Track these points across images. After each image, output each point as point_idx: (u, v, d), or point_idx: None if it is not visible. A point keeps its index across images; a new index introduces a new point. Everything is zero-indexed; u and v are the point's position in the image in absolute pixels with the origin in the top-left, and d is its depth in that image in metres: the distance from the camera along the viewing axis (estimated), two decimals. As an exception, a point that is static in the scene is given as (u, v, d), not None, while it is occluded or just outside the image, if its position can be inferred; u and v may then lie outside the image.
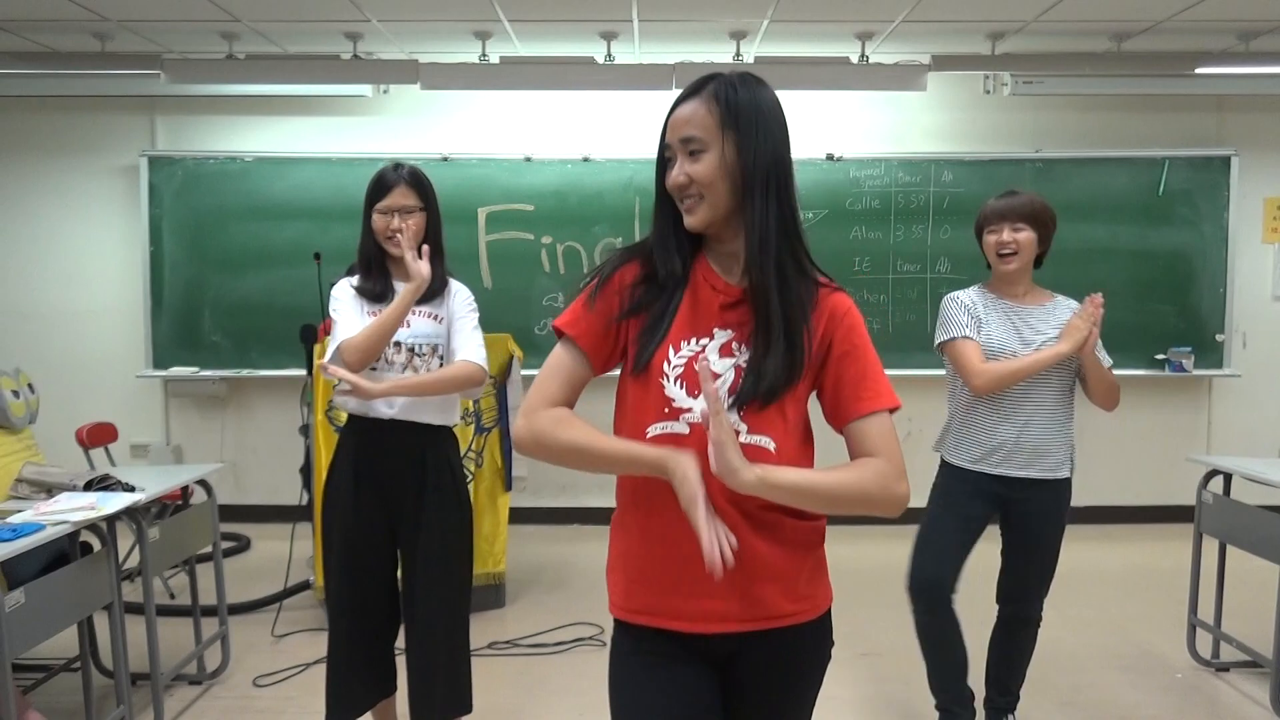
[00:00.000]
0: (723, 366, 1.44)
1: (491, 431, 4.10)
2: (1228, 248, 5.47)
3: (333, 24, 4.60)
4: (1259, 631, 3.36)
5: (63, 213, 5.59)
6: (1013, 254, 2.65)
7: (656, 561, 1.46)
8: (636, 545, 1.49)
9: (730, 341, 1.45)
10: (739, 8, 4.36)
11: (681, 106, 1.45)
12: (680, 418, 1.43)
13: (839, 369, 1.46)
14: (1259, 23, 4.56)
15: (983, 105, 5.56)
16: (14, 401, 3.02)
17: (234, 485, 5.64)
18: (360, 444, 2.58)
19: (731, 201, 1.43)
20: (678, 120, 1.44)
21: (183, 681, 3.41)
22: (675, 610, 1.45)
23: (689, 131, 1.43)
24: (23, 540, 2.42)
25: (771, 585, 1.45)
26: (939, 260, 5.46)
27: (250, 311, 5.45)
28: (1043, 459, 2.69)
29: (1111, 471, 5.65)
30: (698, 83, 1.45)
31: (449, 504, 2.60)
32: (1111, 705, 3.27)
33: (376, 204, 2.56)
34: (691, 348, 1.45)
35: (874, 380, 1.46)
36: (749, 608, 1.44)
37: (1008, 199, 2.68)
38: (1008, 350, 2.65)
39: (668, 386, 1.43)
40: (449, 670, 2.62)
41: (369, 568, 2.59)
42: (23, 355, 5.07)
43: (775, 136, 1.44)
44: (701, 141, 1.42)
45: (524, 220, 5.45)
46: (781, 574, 1.46)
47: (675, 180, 1.44)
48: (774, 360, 1.41)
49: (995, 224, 2.67)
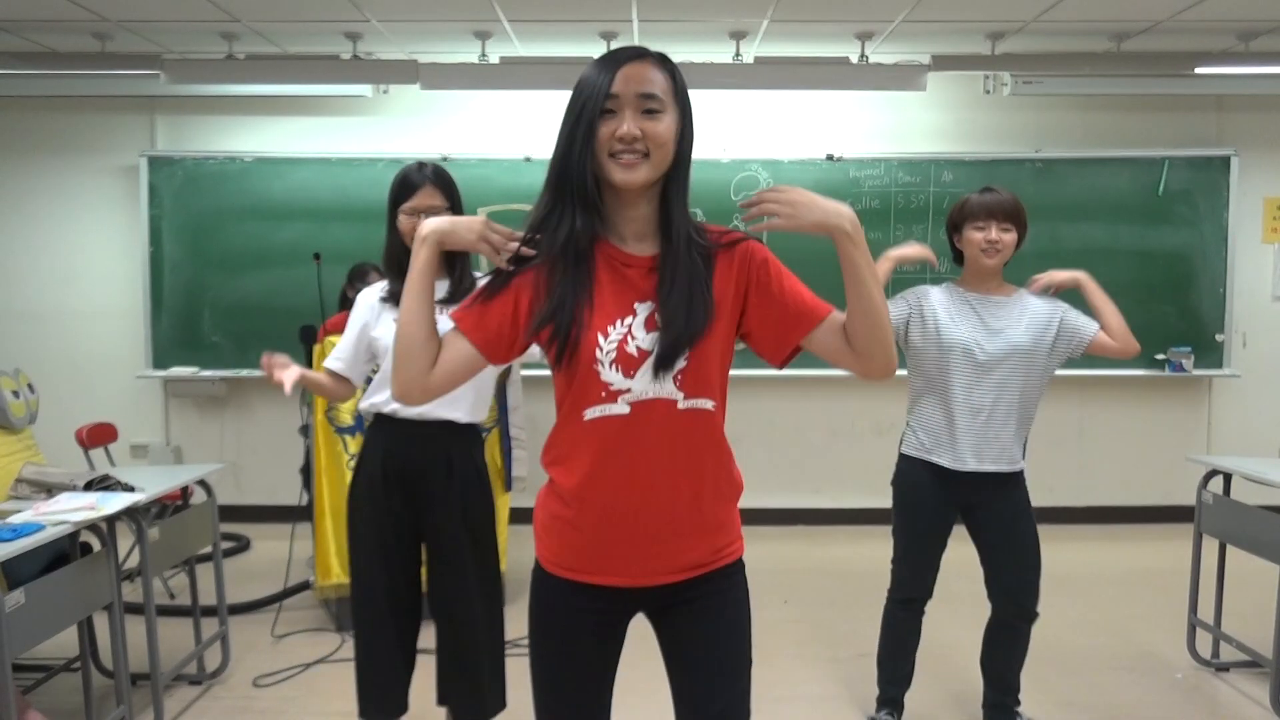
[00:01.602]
0: (651, 341, 1.47)
1: (491, 431, 4.10)
2: (1227, 248, 5.47)
3: (333, 24, 4.60)
4: (1259, 631, 3.36)
5: (63, 213, 5.59)
6: (997, 251, 2.68)
7: (589, 528, 1.52)
8: (571, 512, 1.54)
9: (653, 314, 1.48)
10: (739, 8, 4.36)
11: (636, 64, 1.45)
12: (619, 399, 1.46)
13: (779, 295, 1.52)
14: (1259, 23, 4.56)
15: (983, 105, 5.56)
16: (14, 401, 3.02)
17: (234, 485, 5.64)
18: (388, 443, 2.56)
19: (664, 167, 1.48)
20: (637, 75, 1.44)
21: (183, 682, 3.41)
22: (602, 567, 1.53)
23: (652, 89, 1.44)
24: (23, 540, 2.42)
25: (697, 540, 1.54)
26: (939, 260, 5.44)
27: (250, 311, 5.45)
28: (1002, 452, 2.71)
29: (1111, 471, 5.65)
30: (638, 49, 1.48)
31: (476, 501, 2.59)
32: (1111, 705, 3.27)
33: (402, 205, 2.53)
34: (619, 330, 1.47)
35: (812, 294, 1.54)
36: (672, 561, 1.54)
37: (993, 196, 2.70)
38: (973, 341, 2.68)
39: (603, 372, 1.45)
40: (492, 667, 2.63)
41: (400, 566, 2.58)
42: (23, 355, 5.09)
43: (693, 124, 1.53)
44: (661, 102, 1.45)
45: (524, 220, 5.43)
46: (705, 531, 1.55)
47: (628, 131, 1.43)
48: (691, 319, 1.46)
49: (983, 220, 2.68)
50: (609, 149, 1.44)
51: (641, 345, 1.46)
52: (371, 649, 2.60)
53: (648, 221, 1.51)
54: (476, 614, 2.59)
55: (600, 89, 1.43)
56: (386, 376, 2.54)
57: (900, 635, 2.94)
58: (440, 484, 2.55)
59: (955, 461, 2.71)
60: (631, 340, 1.46)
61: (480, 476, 2.63)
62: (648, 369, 1.46)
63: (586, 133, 1.44)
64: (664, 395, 1.47)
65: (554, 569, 1.57)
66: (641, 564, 1.53)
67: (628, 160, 1.44)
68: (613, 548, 1.52)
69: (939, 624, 3.91)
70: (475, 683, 2.60)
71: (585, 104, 1.44)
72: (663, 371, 1.45)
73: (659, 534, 1.51)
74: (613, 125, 1.43)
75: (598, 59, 1.48)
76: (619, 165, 1.44)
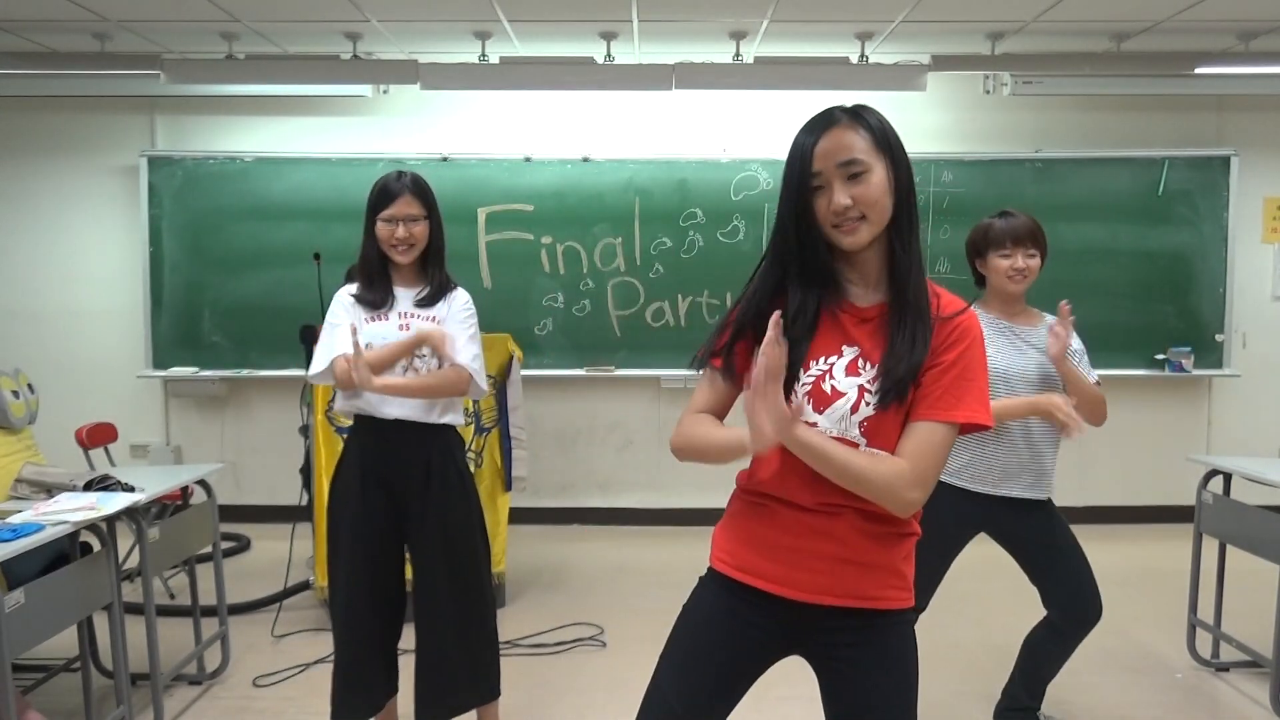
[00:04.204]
0: (848, 385, 1.51)
1: (491, 432, 4.10)
2: (1227, 248, 5.47)
3: (332, 24, 4.60)
4: (1259, 631, 3.36)
5: (63, 213, 5.59)
6: (1025, 278, 2.65)
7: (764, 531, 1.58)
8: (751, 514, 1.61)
9: (856, 359, 1.52)
10: (739, 8, 4.36)
11: (828, 135, 1.48)
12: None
13: (936, 374, 1.50)
14: (1259, 23, 4.56)
15: (983, 105, 5.56)
16: (14, 402, 3.02)
17: (234, 485, 5.64)
18: (366, 445, 2.60)
19: (886, 219, 1.50)
20: (831, 148, 1.48)
21: (183, 682, 3.41)
22: (767, 574, 1.57)
23: (852, 155, 1.47)
24: (23, 540, 2.42)
25: (860, 570, 1.54)
26: (939, 260, 5.45)
27: (250, 312, 5.45)
28: (1036, 479, 2.67)
29: (1111, 471, 5.66)
30: (829, 115, 1.51)
31: (455, 501, 2.62)
32: (1111, 705, 3.27)
33: (380, 212, 2.58)
34: (820, 366, 1.52)
35: (959, 393, 1.49)
36: (837, 584, 1.54)
37: (1016, 221, 2.66)
38: (1015, 370, 2.63)
39: (795, 402, 1.46)
40: (466, 664, 2.65)
41: (379, 567, 2.61)
42: (23, 355, 5.09)
43: (908, 159, 1.53)
44: (864, 164, 1.47)
45: (524, 220, 5.44)
46: (870, 564, 1.55)
47: (838, 204, 1.47)
48: (913, 360, 1.47)
49: (1009, 249, 2.64)
50: (830, 222, 1.50)
51: (837, 386, 1.51)
52: (344, 651, 2.62)
53: (872, 269, 1.55)
54: (446, 615, 2.61)
55: (805, 168, 1.49)
56: None
57: None
58: (417, 486, 2.58)
59: (982, 484, 2.66)
60: (829, 379, 1.51)
61: (461, 479, 2.65)
62: (837, 410, 1.50)
63: (803, 211, 1.50)
64: (848, 438, 1.50)
65: (720, 565, 1.63)
66: (805, 577, 1.55)
67: (847, 228, 1.49)
68: (778, 554, 1.56)
69: (941, 625, 3.92)
70: (441, 683, 2.63)
71: (797, 182, 1.50)
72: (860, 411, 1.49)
73: (822, 551, 1.53)
74: (825, 199, 1.49)
75: (804, 127, 1.53)
76: (841, 234, 1.50)
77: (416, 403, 2.56)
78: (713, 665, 1.62)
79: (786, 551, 1.55)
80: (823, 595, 1.55)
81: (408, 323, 2.57)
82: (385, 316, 2.58)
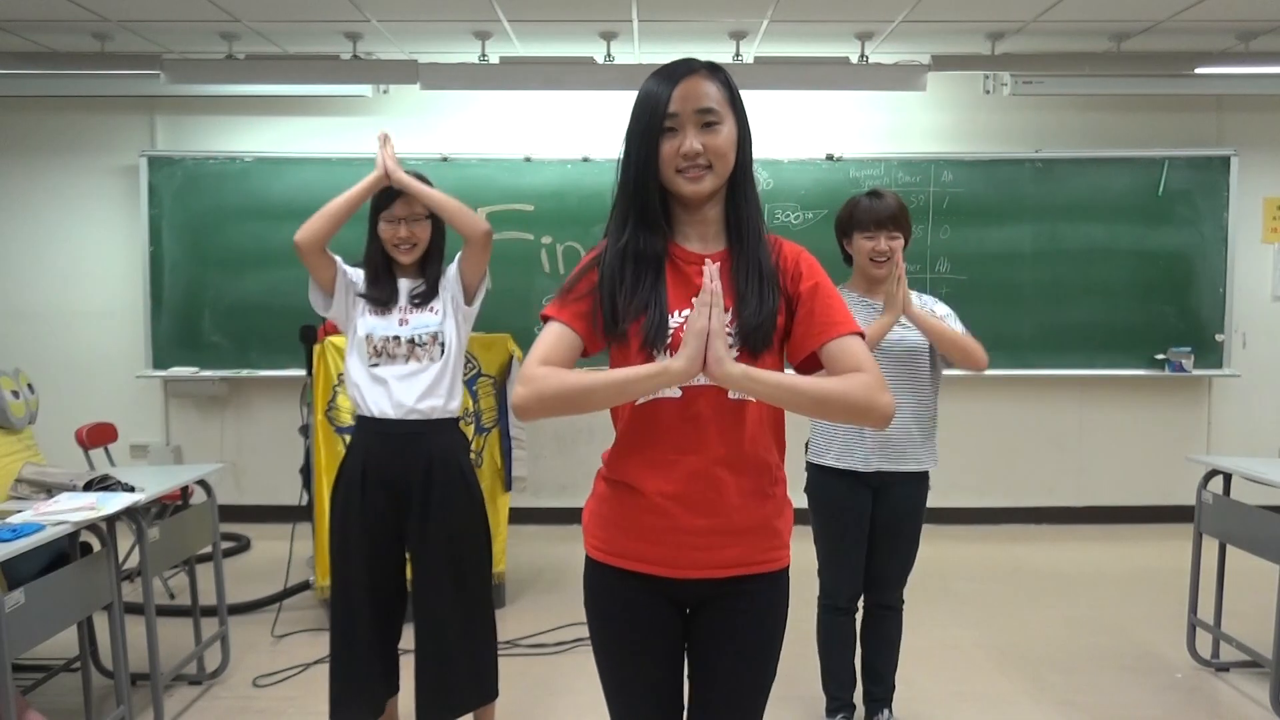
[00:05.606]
0: None
1: (491, 431, 4.10)
2: (1227, 248, 5.47)
3: (332, 24, 4.60)
4: (1259, 631, 3.36)
5: (63, 213, 5.59)
6: (886, 260, 2.70)
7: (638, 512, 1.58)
8: (623, 496, 1.60)
9: None
10: (739, 8, 4.36)
11: (687, 81, 1.50)
12: (673, 384, 1.50)
13: (810, 301, 1.55)
14: (1259, 23, 4.56)
15: (983, 105, 5.56)
16: (14, 402, 3.02)
17: (234, 485, 5.64)
18: (368, 445, 2.60)
19: (727, 174, 1.54)
20: (693, 92, 1.50)
21: (183, 682, 3.41)
22: (650, 557, 1.58)
23: (709, 104, 1.50)
24: (23, 540, 2.42)
25: (737, 538, 1.57)
26: (939, 260, 5.45)
27: (250, 311, 5.45)
28: (906, 452, 2.73)
29: (1111, 471, 5.65)
30: (688, 64, 1.53)
31: (457, 500, 2.62)
32: (1111, 705, 3.27)
33: (383, 212, 2.62)
34: (676, 320, 1.52)
35: (841, 309, 1.55)
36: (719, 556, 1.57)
37: (880, 202, 2.71)
38: None
39: (659, 357, 1.48)
40: (466, 664, 2.65)
41: (381, 568, 2.61)
42: (23, 355, 5.09)
43: (749, 126, 1.57)
44: (719, 114, 1.50)
45: (524, 220, 5.44)
46: (746, 529, 1.57)
47: (691, 148, 1.49)
48: (764, 306, 1.51)
49: (871, 231, 2.70)
50: (674, 165, 1.51)
51: None
52: (342, 651, 2.62)
53: (714, 224, 1.59)
54: (446, 615, 2.61)
55: (660, 108, 1.49)
56: (368, 378, 2.57)
57: (843, 637, 2.96)
58: (419, 486, 2.58)
59: (862, 463, 2.73)
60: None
61: (465, 478, 2.65)
62: None
63: (651, 151, 1.51)
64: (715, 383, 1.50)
65: (599, 555, 1.64)
66: (683, 555, 1.56)
67: (693, 174, 1.51)
68: (655, 535, 1.57)
69: (941, 625, 3.93)
70: (441, 684, 2.62)
71: (648, 123, 1.50)
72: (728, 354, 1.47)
73: (698, 527, 1.55)
74: (675, 142, 1.50)
75: (653, 74, 1.54)
76: (685, 179, 1.51)
77: (414, 400, 2.56)
78: (650, 683, 1.65)
79: (664, 532, 1.56)
80: (708, 569, 1.57)
81: (406, 317, 2.60)
82: (387, 311, 2.60)
